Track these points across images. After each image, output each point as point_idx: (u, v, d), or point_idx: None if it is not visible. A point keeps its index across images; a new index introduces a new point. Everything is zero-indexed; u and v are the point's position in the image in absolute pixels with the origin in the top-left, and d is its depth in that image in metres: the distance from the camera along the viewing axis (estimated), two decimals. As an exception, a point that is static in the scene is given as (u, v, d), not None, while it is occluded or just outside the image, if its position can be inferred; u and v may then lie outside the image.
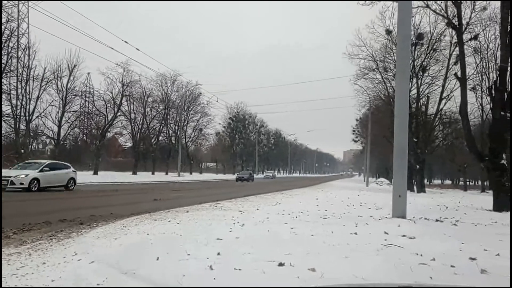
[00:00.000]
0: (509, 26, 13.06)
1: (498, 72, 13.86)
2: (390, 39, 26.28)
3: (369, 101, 35.64)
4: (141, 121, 50.24)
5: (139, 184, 27.88)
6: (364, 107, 38.32)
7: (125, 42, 26.17)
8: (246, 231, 6.67)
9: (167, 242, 5.74)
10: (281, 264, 4.26)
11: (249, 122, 79.30)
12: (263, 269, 4.07)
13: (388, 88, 29.06)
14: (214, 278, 3.87)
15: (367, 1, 16.25)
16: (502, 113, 12.93)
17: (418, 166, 28.04)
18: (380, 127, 35.12)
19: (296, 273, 3.92)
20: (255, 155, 74.70)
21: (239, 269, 4.09)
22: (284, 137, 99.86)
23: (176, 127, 55.01)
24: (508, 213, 11.77)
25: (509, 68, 13.91)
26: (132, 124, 49.14)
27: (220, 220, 8.29)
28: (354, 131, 57.50)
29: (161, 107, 52.67)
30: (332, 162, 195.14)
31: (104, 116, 44.21)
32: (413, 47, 26.41)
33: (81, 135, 52.59)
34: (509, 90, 13.64)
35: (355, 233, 6.32)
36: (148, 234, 6.58)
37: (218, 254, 4.80)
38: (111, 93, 43.23)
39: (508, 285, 2.90)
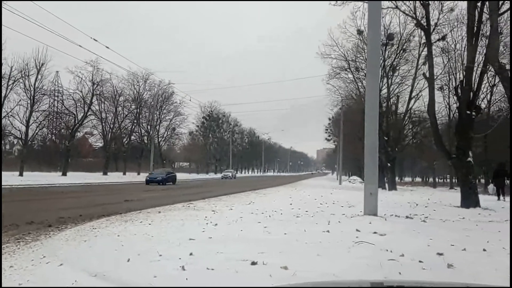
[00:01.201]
0: (475, 27, 13.48)
1: (464, 72, 14.27)
2: (361, 39, 26.66)
3: (341, 100, 36.14)
4: (113, 120, 49.36)
5: (110, 185, 27.38)
6: (336, 106, 38.83)
7: (94, 40, 25.66)
8: (219, 231, 6.65)
9: (138, 244, 5.66)
10: (254, 263, 4.26)
11: (223, 121, 79.09)
12: (236, 269, 4.06)
13: (360, 87, 29.49)
14: (186, 279, 3.83)
15: (338, 2, 16.44)
16: (468, 112, 13.33)
17: (389, 164, 28.57)
18: (352, 126, 35.63)
19: (269, 272, 3.93)
20: (229, 154, 74.57)
21: (212, 269, 4.07)
22: (258, 136, 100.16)
23: (149, 127, 54.31)
24: (476, 209, 12.17)
25: (475, 68, 14.36)
26: (103, 124, 48.22)
27: (193, 220, 8.24)
28: (327, 130, 58.27)
29: (133, 106, 51.88)
30: (305, 160, 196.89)
31: (73, 115, 43.16)
32: (384, 47, 26.86)
33: (49, 135, 51.26)
34: (474, 89, 14.07)
35: (328, 231, 6.39)
36: (118, 235, 6.46)
37: (191, 254, 4.76)
38: (81, 92, 42.24)
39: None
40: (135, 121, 52.65)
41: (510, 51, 13.33)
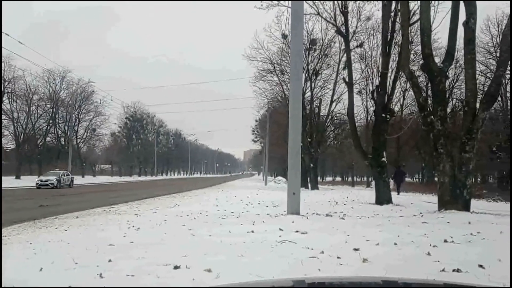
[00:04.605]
0: (388, 36, 14.44)
1: (379, 78, 15.25)
2: (286, 43, 27.35)
3: (267, 102, 36.85)
4: (25, 120, 45.84)
5: (23, 190, 25.35)
6: (263, 108, 39.50)
7: (6, 34, 23.73)
8: (142, 235, 6.45)
9: (53, 251, 5.33)
10: (176, 267, 4.18)
11: (147, 122, 76.72)
12: (158, 273, 3.96)
13: (285, 90, 30.23)
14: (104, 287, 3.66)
15: (263, 6, 16.76)
16: (383, 115, 14.25)
17: (312, 165, 29.65)
18: (278, 127, 36.45)
19: (191, 275, 3.88)
20: (154, 156, 72.65)
21: (132, 275, 3.93)
22: (184, 138, 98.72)
23: (66, 127, 51.15)
24: (389, 206, 13.05)
25: (389, 74, 15.38)
26: (15, 124, 44.55)
27: (113, 225, 7.91)
28: (253, 131, 59.05)
29: (48, 106, 48.56)
30: (233, 162, 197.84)
31: (-19, 115, 39.40)
32: (307, 51, 27.84)
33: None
34: (389, 94, 15.07)
35: (252, 231, 6.47)
36: (31, 243, 6.04)
37: (110, 261, 4.55)
38: (-11, 90, 38.68)
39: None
40: (51, 121, 49.36)
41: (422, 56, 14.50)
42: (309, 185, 29.65)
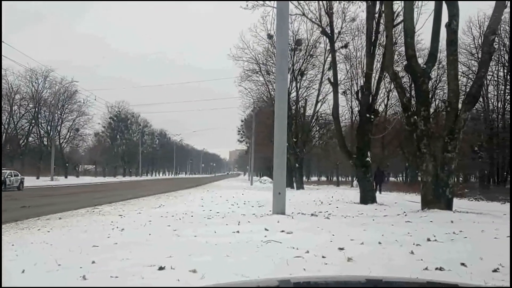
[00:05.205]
0: (373, 37, 14.58)
1: (364, 78, 15.38)
2: (271, 43, 27.38)
3: (253, 102, 36.86)
4: (7, 120, 45.03)
5: (5, 191, 24.86)
6: (248, 108, 39.50)
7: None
8: (126, 236, 6.39)
9: (35, 253, 5.25)
10: (161, 268, 4.15)
11: (131, 122, 75.99)
12: (142, 275, 3.92)
13: (271, 90, 30.27)
14: (87, 289, 3.61)
15: (248, 6, 16.77)
16: (367, 115, 14.38)
17: (297, 165, 29.76)
18: (264, 127, 36.50)
19: (176, 276, 3.86)
20: (139, 156, 72.00)
21: (116, 277, 3.89)
22: (169, 138, 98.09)
23: (49, 127, 50.35)
24: (373, 205, 13.16)
25: (373, 75, 15.53)
26: (-3, 124, 43.78)
27: (97, 226, 7.83)
28: (239, 131, 58.99)
29: (30, 105, 47.78)
30: (218, 162, 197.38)
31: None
32: (292, 52, 27.93)
33: None
34: (373, 94, 15.21)
35: (237, 232, 6.46)
36: (13, 244, 5.95)
37: (93, 262, 4.50)
38: (-31, 89, 37.89)
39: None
40: (33, 121, 48.57)
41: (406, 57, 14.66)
42: (295, 185, 29.75)
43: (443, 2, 10.58)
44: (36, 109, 48.38)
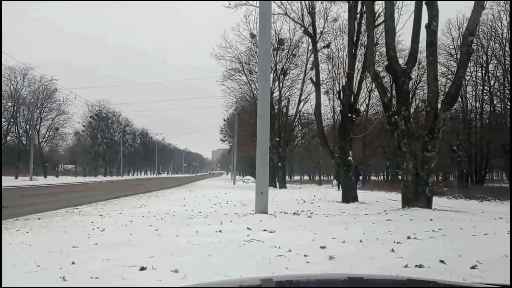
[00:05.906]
0: (354, 37, 14.72)
1: (346, 78, 15.51)
2: (254, 42, 27.38)
3: (236, 101, 36.82)
4: (-16, 119, 43.90)
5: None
6: (231, 107, 39.45)
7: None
8: (107, 237, 6.30)
9: (13, 254, 5.12)
10: (142, 268, 4.10)
11: (113, 121, 74.98)
12: (123, 275, 3.87)
13: (253, 89, 30.27)
14: (67, 291, 3.55)
15: (231, 5, 16.72)
16: (349, 114, 14.52)
17: (280, 164, 29.85)
18: (246, 127, 36.50)
19: (158, 276, 3.83)
20: (120, 155, 71.15)
21: (96, 277, 3.83)
22: (151, 137, 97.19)
23: (28, 126, 49.33)
24: (354, 204, 13.30)
25: (355, 75, 15.67)
26: (-27, 123, 42.64)
27: (77, 227, 7.69)
28: (222, 131, 58.79)
29: (9, 104, 46.69)
30: (201, 161, 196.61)
31: None
32: (275, 51, 27.99)
33: None
34: (355, 94, 15.36)
35: (220, 231, 6.44)
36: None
37: (73, 263, 4.43)
38: None
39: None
40: (12, 120, 47.51)
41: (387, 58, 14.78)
42: (277, 184, 29.85)
43: (423, 3, 10.75)
44: (15, 108, 47.33)
